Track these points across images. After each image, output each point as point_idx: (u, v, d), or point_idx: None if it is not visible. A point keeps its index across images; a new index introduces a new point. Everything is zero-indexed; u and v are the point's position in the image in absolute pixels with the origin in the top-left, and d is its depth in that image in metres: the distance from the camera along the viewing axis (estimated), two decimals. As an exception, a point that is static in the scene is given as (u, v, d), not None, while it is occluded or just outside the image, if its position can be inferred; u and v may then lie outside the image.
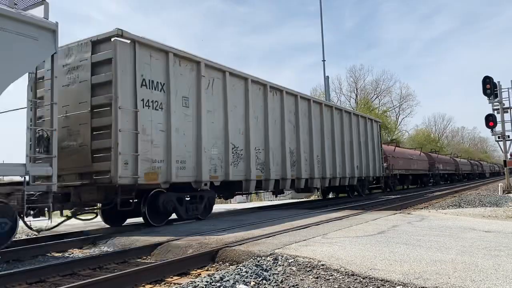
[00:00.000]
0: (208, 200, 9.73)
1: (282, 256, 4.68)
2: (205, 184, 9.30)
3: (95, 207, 8.23)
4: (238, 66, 11.22)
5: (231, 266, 4.69)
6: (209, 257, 5.14)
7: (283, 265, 4.38)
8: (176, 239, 6.18)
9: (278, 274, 4.08)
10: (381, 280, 3.68)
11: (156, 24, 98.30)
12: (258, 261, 4.53)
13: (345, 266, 4.16)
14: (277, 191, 13.50)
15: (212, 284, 3.73)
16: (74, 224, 9.78)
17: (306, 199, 21.37)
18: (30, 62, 6.35)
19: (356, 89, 54.03)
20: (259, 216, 9.92)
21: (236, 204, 18.31)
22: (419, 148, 34.02)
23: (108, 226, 9.01)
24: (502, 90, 19.50)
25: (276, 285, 3.75)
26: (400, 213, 9.80)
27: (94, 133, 7.71)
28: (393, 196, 17.90)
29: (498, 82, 19.45)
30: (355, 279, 3.77)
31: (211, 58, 10.08)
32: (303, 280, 3.87)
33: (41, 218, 6.53)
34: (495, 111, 19.60)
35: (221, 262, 5.02)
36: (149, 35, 8.22)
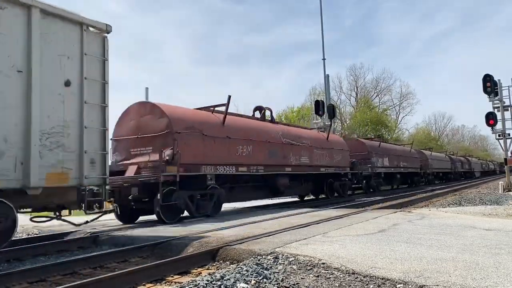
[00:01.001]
0: None
1: (283, 255, 4.68)
2: None
3: None
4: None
5: (231, 265, 4.68)
6: (210, 256, 5.14)
7: (283, 263, 4.38)
8: (176, 238, 6.19)
9: (278, 272, 4.07)
10: (382, 279, 3.67)
11: (155, 23, 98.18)
12: (259, 260, 4.53)
13: (345, 265, 4.16)
14: None
15: (212, 283, 3.73)
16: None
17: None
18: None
19: (356, 88, 54.15)
20: (259, 215, 9.91)
21: (235, 203, 18.21)
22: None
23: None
24: (503, 88, 19.52)
25: (277, 284, 3.74)
26: (401, 211, 9.80)
27: None
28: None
29: (499, 80, 19.47)
30: (356, 278, 3.77)
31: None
32: (303, 278, 3.87)
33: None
34: (496, 109, 19.64)
35: (221, 261, 5.03)
36: (149, 35, 7.98)
